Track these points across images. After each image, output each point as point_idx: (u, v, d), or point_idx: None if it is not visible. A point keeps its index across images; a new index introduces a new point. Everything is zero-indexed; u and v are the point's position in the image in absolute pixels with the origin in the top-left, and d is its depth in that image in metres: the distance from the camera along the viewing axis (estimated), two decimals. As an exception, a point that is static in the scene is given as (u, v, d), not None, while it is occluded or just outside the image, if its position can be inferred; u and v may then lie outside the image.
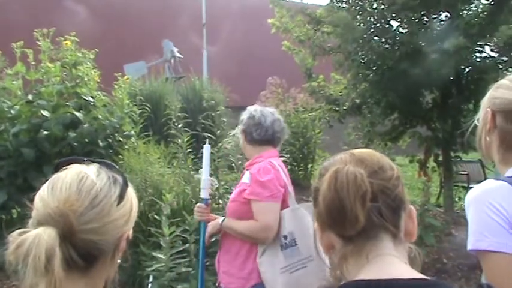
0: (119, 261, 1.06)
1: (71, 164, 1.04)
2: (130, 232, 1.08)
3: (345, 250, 0.94)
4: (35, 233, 0.87)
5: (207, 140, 2.99)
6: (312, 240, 2.53)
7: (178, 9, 14.27)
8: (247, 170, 2.60)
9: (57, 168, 1.03)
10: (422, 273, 0.94)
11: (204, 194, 2.71)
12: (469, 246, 1.34)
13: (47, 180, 1.02)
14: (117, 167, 1.07)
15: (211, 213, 2.73)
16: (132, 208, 1.06)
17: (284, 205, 2.49)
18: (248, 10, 14.96)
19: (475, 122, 1.52)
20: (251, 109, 2.67)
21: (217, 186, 2.92)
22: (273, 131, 2.61)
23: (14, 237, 0.88)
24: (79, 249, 0.93)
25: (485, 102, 1.49)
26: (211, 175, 2.88)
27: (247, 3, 15.14)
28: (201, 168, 2.86)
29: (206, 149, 2.80)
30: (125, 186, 1.04)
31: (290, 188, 2.57)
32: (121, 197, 1.01)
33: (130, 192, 1.07)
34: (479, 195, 1.36)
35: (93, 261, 0.98)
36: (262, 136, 2.59)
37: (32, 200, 0.99)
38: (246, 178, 2.53)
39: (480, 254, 1.32)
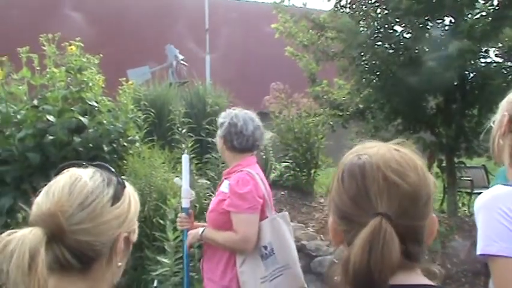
0: (120, 264, 1.05)
1: (69, 168, 1.06)
2: (134, 236, 1.08)
3: None
4: (21, 233, 0.89)
5: (185, 151, 3.04)
6: (290, 249, 2.54)
7: (176, 15, 14.30)
8: (225, 178, 2.61)
9: (57, 174, 1.05)
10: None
11: (184, 203, 2.74)
12: (478, 251, 1.34)
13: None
14: (112, 170, 1.07)
15: (194, 222, 2.78)
16: (130, 209, 1.06)
17: (262, 215, 2.52)
18: (247, 16, 15.00)
19: (491, 123, 1.52)
20: (231, 114, 2.64)
21: (195, 196, 2.95)
22: (254, 140, 2.62)
23: (2, 237, 0.90)
24: (72, 250, 0.95)
25: (503, 105, 1.50)
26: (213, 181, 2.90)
27: (246, 9, 15.18)
28: (206, 174, 2.86)
29: (184, 159, 2.82)
30: (120, 187, 1.04)
31: (268, 197, 2.59)
32: (115, 197, 1.01)
33: (129, 193, 1.07)
34: (488, 201, 1.36)
35: (90, 263, 0.98)
36: (242, 145, 2.60)
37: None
38: (224, 187, 2.55)
39: (489, 259, 1.32)
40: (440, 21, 5.93)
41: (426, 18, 5.82)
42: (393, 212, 0.88)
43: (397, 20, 5.85)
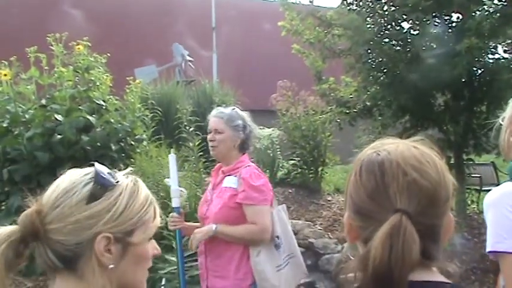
0: (111, 265, 0.99)
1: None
2: (136, 238, 1.02)
3: None
4: None
5: (172, 150, 3.03)
6: (293, 239, 2.62)
7: (177, 13, 14.32)
8: (228, 175, 2.63)
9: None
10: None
11: (174, 203, 2.75)
12: (488, 248, 1.33)
13: None
14: (108, 168, 1.06)
15: (185, 221, 2.79)
16: (116, 209, 1.00)
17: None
18: (250, 14, 15.01)
19: (499, 120, 1.51)
20: (243, 115, 2.71)
21: (186, 195, 2.96)
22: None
23: None
24: (53, 250, 0.96)
25: None
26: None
27: (249, 7, 15.18)
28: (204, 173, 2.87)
29: (171, 158, 2.83)
30: (103, 186, 1.00)
31: None
32: (92, 196, 0.98)
33: (123, 192, 1.02)
34: (498, 198, 1.36)
35: (71, 263, 0.97)
36: (250, 146, 2.75)
37: None
38: (231, 183, 2.59)
39: (499, 256, 1.31)
40: (447, 18, 5.89)
41: (434, 15, 5.78)
42: (413, 210, 0.88)
43: (404, 16, 5.82)
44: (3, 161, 4.62)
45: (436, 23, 5.86)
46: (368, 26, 5.93)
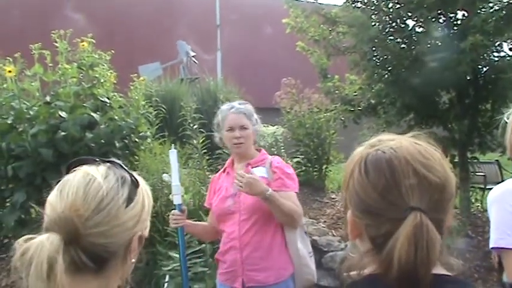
0: (133, 260, 1.05)
1: (82, 164, 1.04)
2: (146, 231, 1.07)
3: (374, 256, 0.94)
4: (38, 241, 0.88)
5: (172, 146, 3.00)
6: None
7: (179, 13, 14.34)
8: (255, 166, 2.64)
9: (68, 170, 1.04)
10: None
11: (176, 200, 2.69)
12: (491, 244, 1.33)
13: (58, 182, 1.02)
14: (125, 167, 1.06)
15: (187, 219, 2.76)
16: (144, 208, 1.05)
17: None
18: (251, 13, 15.02)
19: (504, 118, 1.51)
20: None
21: (183, 192, 2.95)
22: None
23: (20, 243, 0.90)
24: (88, 252, 0.94)
25: None
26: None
27: (252, 6, 15.17)
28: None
29: (172, 154, 2.75)
30: (133, 187, 1.03)
31: None
32: (130, 198, 1.00)
33: (142, 191, 1.06)
34: (501, 195, 1.36)
35: (104, 263, 0.98)
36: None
37: (44, 203, 1.00)
38: (261, 173, 2.59)
39: (502, 252, 1.31)
40: (453, 15, 5.86)
41: (439, 12, 5.76)
42: (425, 206, 0.88)
43: (409, 13, 5.80)
44: (8, 158, 4.63)
45: (441, 21, 5.84)
46: (373, 23, 5.91)
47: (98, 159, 1.06)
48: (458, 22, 5.83)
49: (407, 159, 0.92)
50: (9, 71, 4.62)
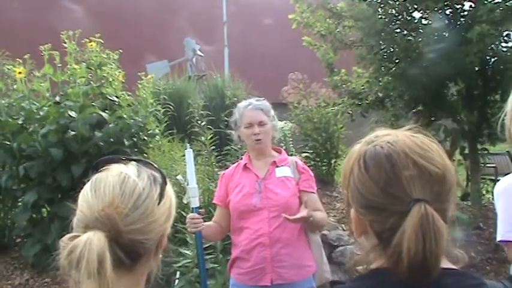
0: (160, 256, 1.09)
1: (109, 163, 1.06)
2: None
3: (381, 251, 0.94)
4: (85, 238, 0.90)
5: (188, 145, 2.85)
6: None
7: (179, 8, 14.32)
8: (280, 166, 2.67)
9: (96, 168, 1.05)
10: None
11: (194, 203, 2.58)
12: (499, 237, 1.33)
13: (85, 182, 1.04)
14: (155, 165, 1.09)
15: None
16: (172, 205, 1.08)
17: None
18: (257, 7, 14.99)
19: (503, 117, 1.50)
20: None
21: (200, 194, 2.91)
22: None
23: (66, 242, 0.91)
24: (126, 249, 0.96)
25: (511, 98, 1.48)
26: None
27: (254, 2, 15.15)
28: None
29: (188, 154, 2.63)
30: (164, 184, 1.06)
31: None
32: (161, 195, 1.03)
33: (169, 189, 1.09)
34: (508, 187, 1.35)
35: (138, 259, 1.00)
36: None
37: (75, 200, 1.01)
38: (286, 173, 2.65)
39: (509, 245, 1.31)
40: (459, 6, 5.82)
41: (445, 3, 5.72)
42: (428, 197, 0.89)
43: (416, 5, 5.76)
44: (19, 158, 4.69)
45: (447, 12, 5.79)
46: (379, 16, 5.88)
47: (124, 158, 1.08)
48: (465, 13, 5.78)
49: (405, 152, 0.93)
50: (19, 73, 4.67)
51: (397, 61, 5.96)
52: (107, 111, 4.89)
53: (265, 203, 2.57)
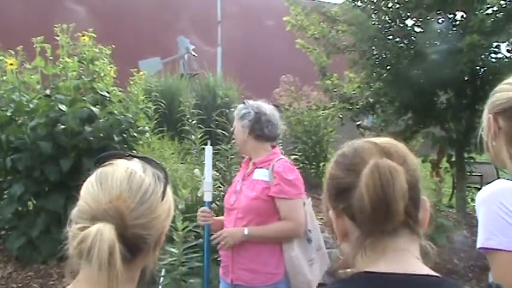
0: (157, 253, 1.09)
1: (111, 158, 1.06)
2: None
3: (364, 241, 0.95)
4: (96, 229, 0.91)
5: (209, 142, 2.91)
6: (319, 231, 2.66)
7: (178, 8, 14.31)
8: (259, 167, 2.58)
9: (98, 163, 1.05)
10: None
11: (207, 197, 2.67)
12: (478, 245, 1.35)
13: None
14: (158, 162, 1.09)
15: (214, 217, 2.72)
16: (171, 203, 1.09)
17: None
18: (251, 9, 15.00)
19: (481, 133, 1.53)
20: (254, 104, 2.64)
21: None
22: (279, 129, 2.66)
23: (75, 232, 0.92)
24: (128, 242, 0.96)
25: (485, 112, 1.51)
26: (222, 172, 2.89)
27: (252, 3, 15.16)
28: (215, 165, 2.87)
29: (208, 150, 2.75)
30: (166, 182, 1.07)
31: None
32: (164, 193, 1.04)
33: (169, 189, 1.10)
34: (489, 195, 1.38)
35: (137, 254, 1.01)
36: (273, 133, 2.62)
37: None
38: (261, 175, 2.54)
39: (489, 253, 1.33)
40: (451, 16, 5.89)
41: (438, 12, 5.78)
42: (391, 159, 0.93)
43: (409, 13, 5.82)
44: (7, 150, 4.66)
45: (440, 21, 5.86)
46: (372, 22, 5.94)
47: (128, 154, 1.09)
48: (457, 22, 5.85)
49: (370, 142, 1.00)
50: (11, 64, 4.64)
51: (388, 67, 6.02)
52: (97, 106, 4.87)
53: (237, 204, 2.59)
